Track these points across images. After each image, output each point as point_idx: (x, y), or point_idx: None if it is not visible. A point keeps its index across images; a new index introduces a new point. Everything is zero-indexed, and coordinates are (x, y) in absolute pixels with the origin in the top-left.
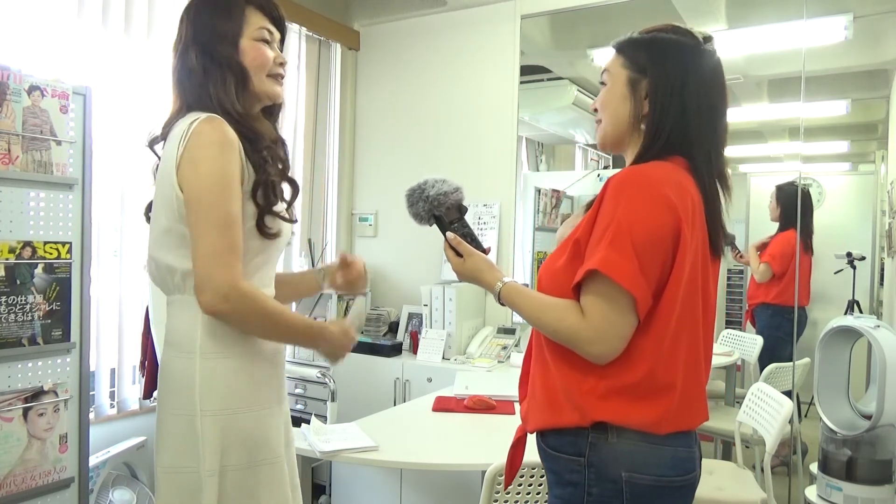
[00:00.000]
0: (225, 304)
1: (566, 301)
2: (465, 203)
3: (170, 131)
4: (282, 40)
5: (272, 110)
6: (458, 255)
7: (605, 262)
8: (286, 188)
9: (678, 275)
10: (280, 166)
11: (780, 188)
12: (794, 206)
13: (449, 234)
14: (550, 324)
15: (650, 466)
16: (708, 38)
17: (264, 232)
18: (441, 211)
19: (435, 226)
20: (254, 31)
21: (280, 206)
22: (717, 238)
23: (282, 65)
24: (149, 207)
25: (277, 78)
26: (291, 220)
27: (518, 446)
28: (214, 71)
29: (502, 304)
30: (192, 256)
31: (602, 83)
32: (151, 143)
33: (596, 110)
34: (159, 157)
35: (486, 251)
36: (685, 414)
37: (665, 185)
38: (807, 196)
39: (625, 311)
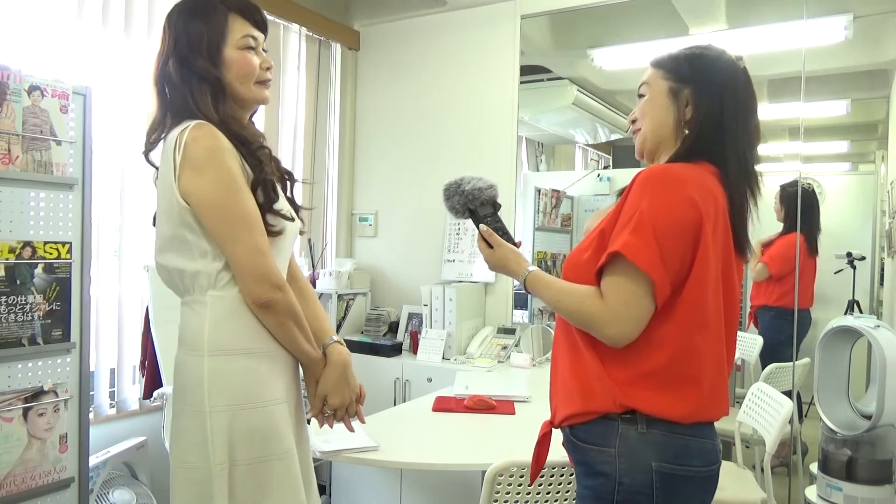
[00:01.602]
0: (278, 294)
1: (586, 286)
2: (499, 200)
3: (159, 139)
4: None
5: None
6: (490, 246)
7: (626, 245)
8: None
9: (701, 269)
10: (274, 165)
11: (784, 188)
12: (802, 207)
13: (482, 226)
14: (569, 306)
15: (679, 457)
16: (739, 58)
17: (268, 230)
18: (475, 205)
19: (469, 220)
20: (238, 39)
21: (281, 204)
22: (743, 240)
23: (269, 69)
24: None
25: (265, 83)
26: (290, 218)
27: (544, 442)
28: (193, 81)
29: (528, 292)
30: (230, 256)
31: (640, 95)
32: (146, 153)
33: (634, 122)
34: (155, 167)
35: (517, 244)
36: (711, 405)
37: (689, 185)
38: (812, 196)
39: (642, 295)
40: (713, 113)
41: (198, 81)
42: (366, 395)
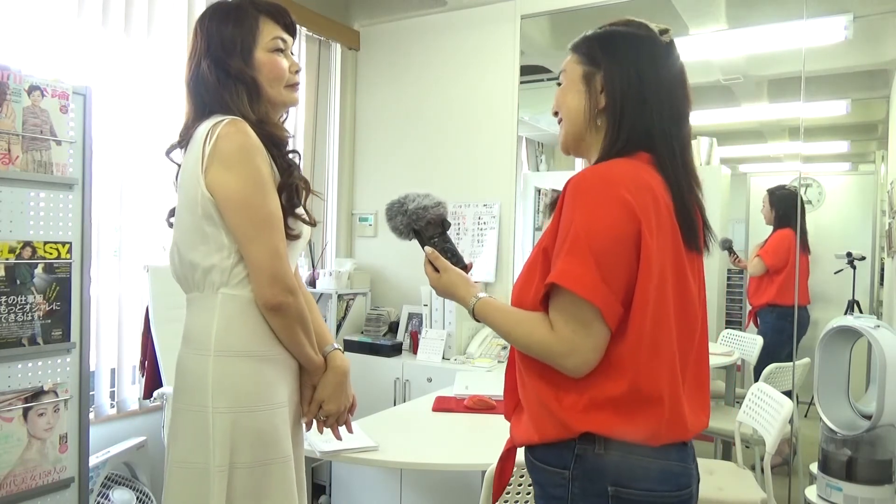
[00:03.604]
0: (290, 298)
1: (536, 314)
2: (448, 218)
3: (189, 136)
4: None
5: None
6: (436, 270)
7: (563, 274)
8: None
9: (645, 279)
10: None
11: (772, 192)
12: (786, 208)
13: (427, 248)
14: (521, 338)
15: (638, 480)
16: (664, 31)
17: (287, 233)
18: (420, 225)
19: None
20: (268, 41)
21: (301, 209)
22: (693, 233)
23: (297, 72)
24: (171, 213)
25: (294, 86)
26: (312, 223)
27: (507, 459)
28: (228, 82)
29: (477, 321)
30: (248, 255)
31: (558, 84)
32: (169, 152)
33: (556, 114)
34: (178, 165)
35: (466, 267)
36: (674, 425)
37: (621, 186)
38: (799, 197)
39: (590, 322)
40: (631, 93)
41: (233, 82)
42: (357, 406)
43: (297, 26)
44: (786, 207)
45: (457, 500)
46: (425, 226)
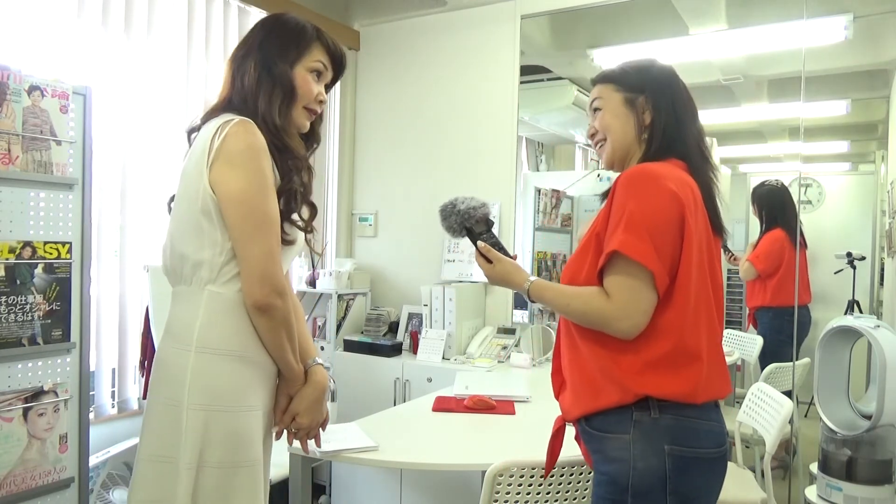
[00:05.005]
0: (279, 300)
1: (590, 287)
2: (491, 217)
3: (207, 120)
4: (334, 81)
5: (309, 141)
6: (489, 261)
7: (623, 243)
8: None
9: (688, 254)
10: (303, 184)
11: (754, 191)
12: (772, 205)
13: (480, 242)
14: (579, 308)
15: (689, 439)
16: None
17: (283, 238)
18: (471, 223)
19: (467, 238)
20: (311, 61)
21: (297, 216)
22: (717, 218)
23: (320, 102)
24: (172, 199)
25: (311, 113)
26: (306, 230)
27: (557, 437)
28: (267, 81)
29: (532, 301)
30: (242, 254)
31: (596, 109)
32: (190, 132)
33: (593, 135)
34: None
35: (513, 258)
36: (714, 382)
37: (667, 180)
38: (785, 192)
39: (644, 286)
40: (670, 114)
41: (272, 83)
42: (329, 422)
43: (343, 66)
44: (770, 205)
45: (457, 500)
46: (475, 223)
